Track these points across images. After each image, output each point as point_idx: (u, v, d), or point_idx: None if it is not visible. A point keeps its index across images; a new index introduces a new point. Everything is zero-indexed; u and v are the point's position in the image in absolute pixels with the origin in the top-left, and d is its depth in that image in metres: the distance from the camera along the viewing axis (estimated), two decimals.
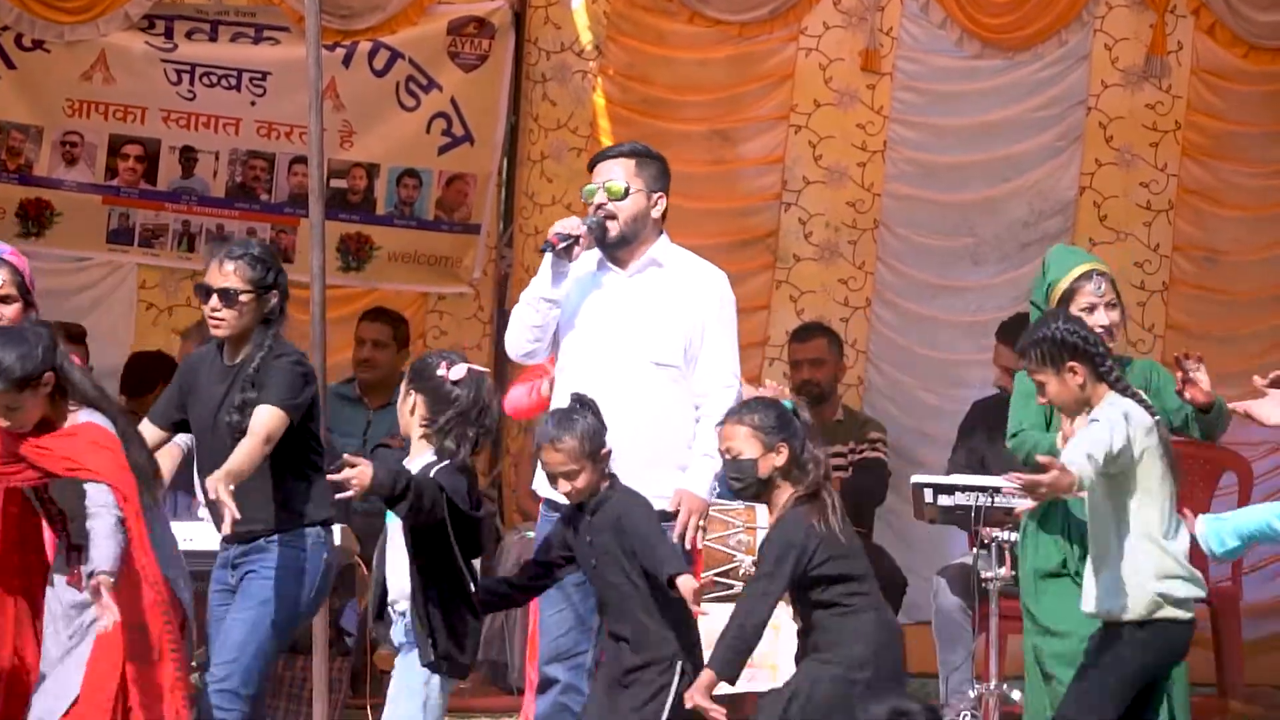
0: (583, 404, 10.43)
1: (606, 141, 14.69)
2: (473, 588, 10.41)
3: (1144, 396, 9.88)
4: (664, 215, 10.95)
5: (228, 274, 10.26)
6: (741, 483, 10.30)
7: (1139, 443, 9.58)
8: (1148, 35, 15.18)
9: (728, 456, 10.07)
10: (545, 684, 10.96)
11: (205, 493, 10.74)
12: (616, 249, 10.87)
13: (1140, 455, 9.66)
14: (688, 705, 9.58)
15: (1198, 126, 15.32)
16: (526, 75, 15.44)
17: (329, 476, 10.05)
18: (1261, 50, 15.16)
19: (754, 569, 11.19)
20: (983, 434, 12.83)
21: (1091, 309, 10.59)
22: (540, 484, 11.20)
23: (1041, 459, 9.68)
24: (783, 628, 11.86)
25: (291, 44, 14.58)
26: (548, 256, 10.90)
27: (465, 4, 15.42)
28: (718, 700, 10.47)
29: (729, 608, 10.77)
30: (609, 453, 10.25)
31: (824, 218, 15.31)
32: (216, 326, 10.45)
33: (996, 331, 13.68)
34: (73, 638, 10.27)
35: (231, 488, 9.96)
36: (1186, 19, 15.17)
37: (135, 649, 10.12)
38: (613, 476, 10.40)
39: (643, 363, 10.70)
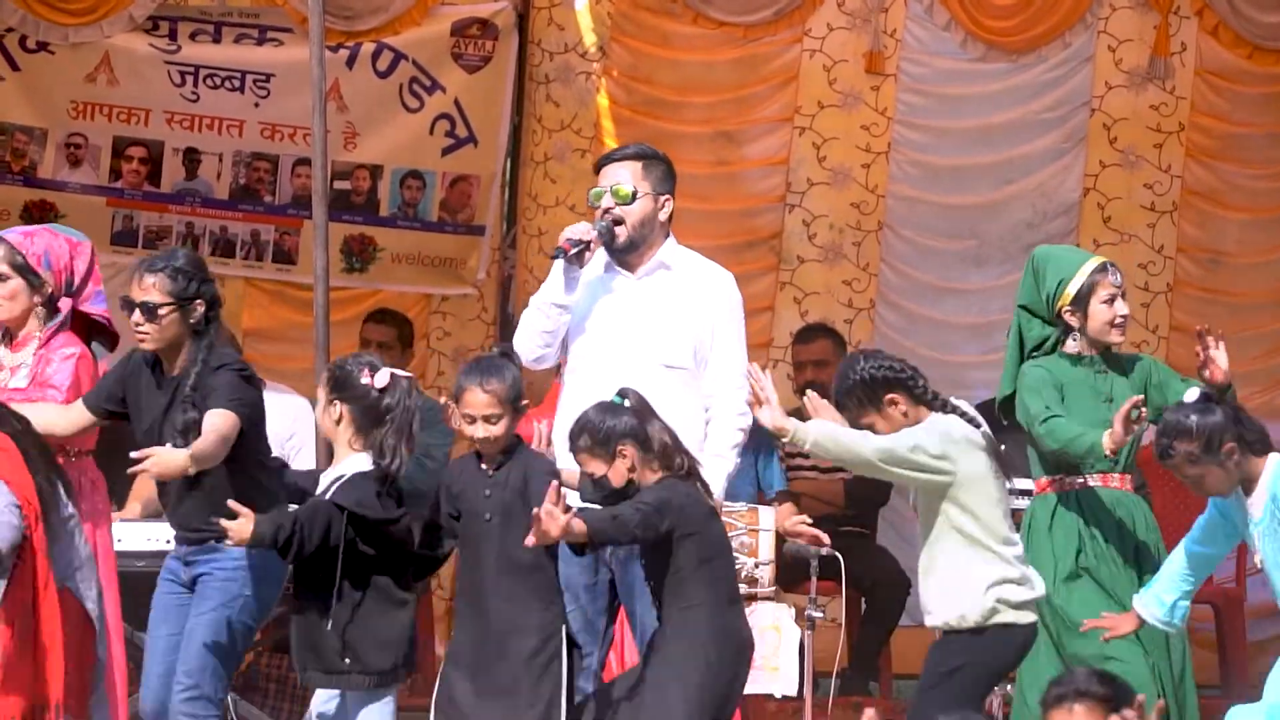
0: (506, 354, 10.61)
1: (610, 143, 14.84)
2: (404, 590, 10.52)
3: (966, 409, 10.02)
4: (670, 217, 11.02)
5: (148, 288, 10.32)
6: (609, 497, 10.34)
7: (962, 457, 9.77)
8: (1151, 36, 15.32)
9: (587, 481, 10.23)
10: None
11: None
12: (625, 253, 10.96)
13: (964, 467, 9.83)
14: (556, 533, 9.54)
15: (1202, 128, 15.46)
16: (530, 76, 15.51)
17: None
18: (1265, 51, 15.31)
19: (756, 570, 11.87)
20: None
21: (1112, 299, 10.83)
22: None
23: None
24: (784, 630, 12.01)
25: (295, 45, 14.67)
26: (559, 262, 10.97)
27: (469, 5, 15.50)
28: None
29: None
30: (527, 405, 10.35)
31: (828, 219, 15.44)
32: (141, 340, 10.50)
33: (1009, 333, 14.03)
34: None
35: (193, 471, 10.02)
36: (1190, 20, 15.30)
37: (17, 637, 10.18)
38: (518, 438, 10.49)
39: (653, 365, 10.75)
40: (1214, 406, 10.25)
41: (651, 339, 10.91)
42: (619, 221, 10.92)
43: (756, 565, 11.92)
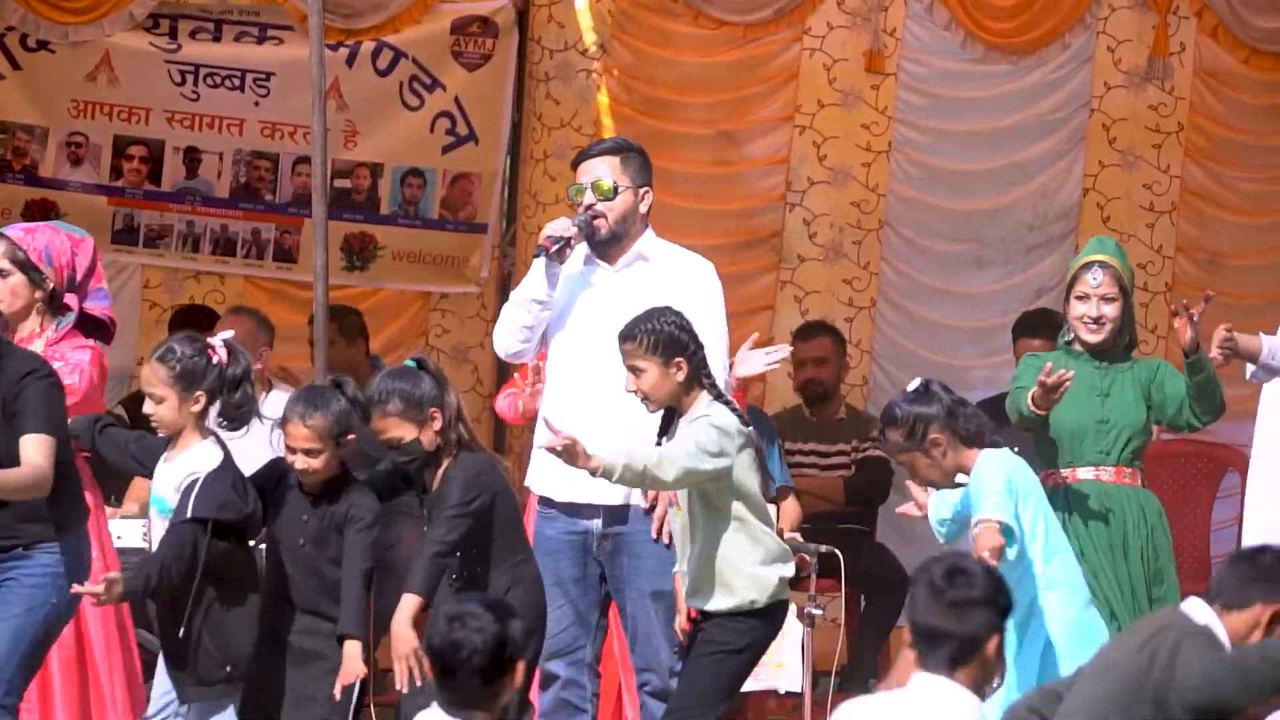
0: (338, 385, 10.70)
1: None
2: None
3: (732, 402, 10.33)
4: (649, 209, 11.20)
5: None
6: (415, 462, 10.55)
7: (735, 451, 9.99)
8: (1150, 36, 15.47)
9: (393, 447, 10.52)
10: (546, 680, 11.05)
11: None
12: (606, 246, 11.09)
13: (736, 459, 10.05)
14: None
15: (1200, 129, 15.64)
16: (530, 74, 15.65)
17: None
18: (1263, 55, 15.44)
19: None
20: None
21: (1083, 298, 11.07)
22: (532, 480, 11.42)
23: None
24: (787, 627, 11.36)
25: (295, 44, 14.84)
26: (539, 259, 11.15)
27: (469, 3, 15.69)
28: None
29: None
30: (353, 439, 10.48)
31: (828, 218, 15.59)
32: None
33: (1014, 327, 13.99)
34: None
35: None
36: (1189, 20, 15.47)
37: None
38: (346, 471, 10.65)
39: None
40: (930, 397, 10.48)
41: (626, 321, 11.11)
42: (599, 216, 11.11)
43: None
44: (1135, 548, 11.12)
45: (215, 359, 10.55)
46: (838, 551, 12.08)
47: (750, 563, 10.12)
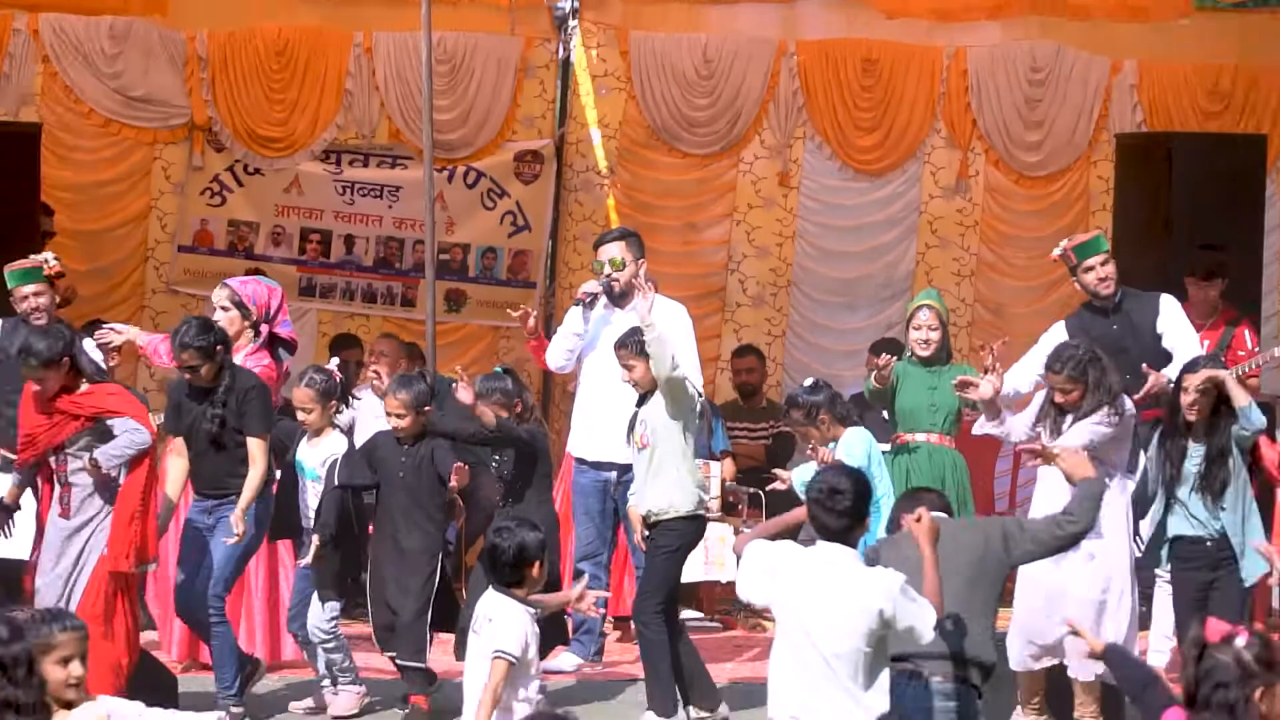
0: (422, 375, 11.89)
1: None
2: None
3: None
4: (644, 273, 12.16)
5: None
6: (499, 433, 11.50)
7: (692, 390, 11.18)
8: (957, 165, 16.56)
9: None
10: (577, 575, 11.75)
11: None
12: (619, 299, 12.24)
13: (692, 388, 11.21)
14: None
15: (989, 225, 16.64)
16: (564, 186, 16.64)
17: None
18: (1027, 179, 16.55)
19: (709, 502, 12.68)
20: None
21: (918, 327, 12.12)
22: (572, 445, 12.65)
23: None
24: (726, 540, 13.37)
25: (414, 168, 15.73)
26: (576, 307, 12.41)
27: (524, 142, 16.56)
28: (685, 587, 12.41)
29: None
30: (430, 410, 11.40)
31: (755, 279, 16.66)
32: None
33: (870, 348, 14.65)
34: (75, 560, 10.96)
35: None
36: (980, 155, 16.49)
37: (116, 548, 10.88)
38: (424, 428, 11.43)
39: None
40: (819, 390, 11.84)
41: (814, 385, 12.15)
42: (615, 280, 12.22)
43: (710, 499, 12.87)
44: (953, 493, 11.65)
45: (338, 379, 11.80)
46: (760, 492, 13.94)
47: (686, 486, 11.19)
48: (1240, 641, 6.25)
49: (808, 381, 12.16)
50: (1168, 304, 12.35)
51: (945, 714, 8.51)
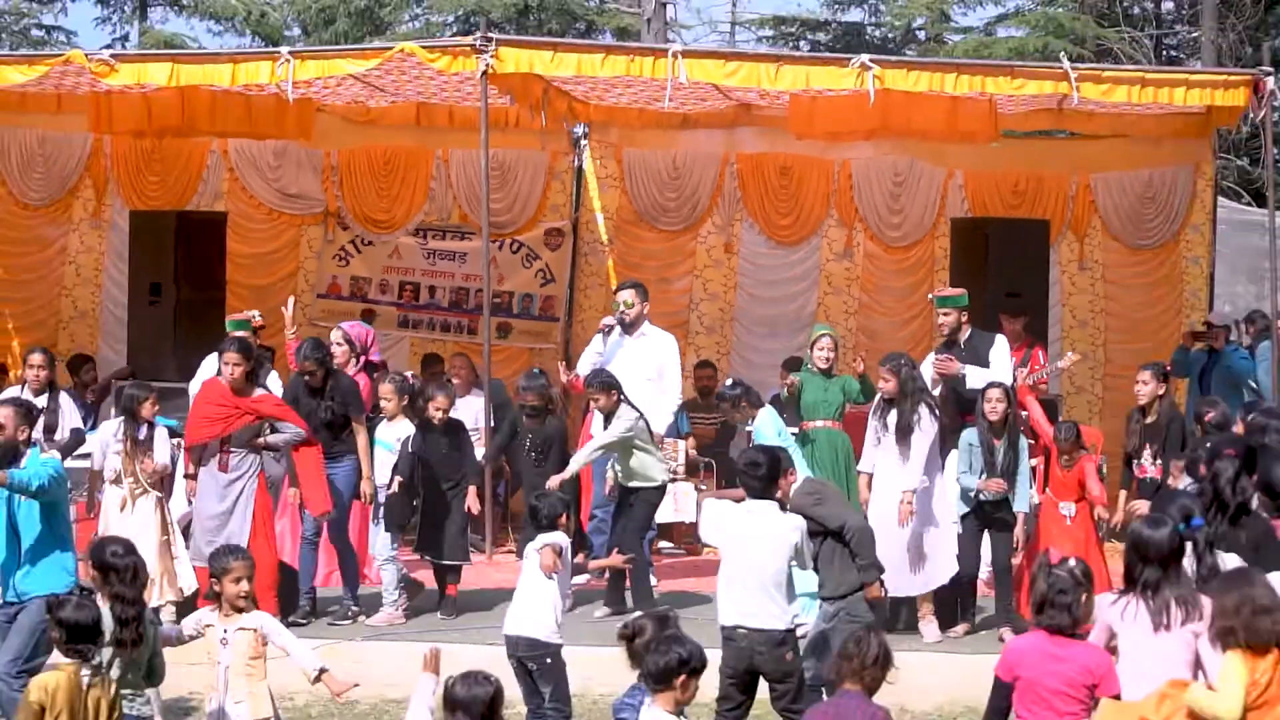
0: (541, 371, 12.57)
1: (614, 282, 15.74)
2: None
3: (636, 408, 11.40)
4: (646, 312, 12.74)
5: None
6: (539, 414, 11.95)
7: (634, 424, 11.30)
8: (845, 238, 16.61)
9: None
10: (590, 517, 12.47)
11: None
12: (629, 330, 12.58)
13: (633, 437, 11.33)
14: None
15: (866, 279, 16.63)
16: (579, 252, 16.79)
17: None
18: (891, 248, 16.55)
19: (676, 469, 12.87)
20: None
21: (820, 349, 12.16)
22: (593, 428, 12.40)
23: None
24: (690, 494, 13.25)
25: (476, 240, 15.69)
26: (599, 335, 12.73)
27: (551, 221, 16.66)
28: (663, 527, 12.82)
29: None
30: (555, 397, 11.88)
31: (709, 317, 16.76)
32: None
33: (783, 364, 14.61)
34: (233, 502, 10.96)
35: None
36: (860, 232, 16.52)
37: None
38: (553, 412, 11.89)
39: (640, 379, 12.30)
40: (737, 385, 11.69)
41: (640, 367, 12.40)
42: (625, 315, 12.55)
43: (676, 466, 13.16)
44: (841, 462, 11.96)
45: (412, 382, 12.22)
46: (713, 461, 14.43)
47: (652, 464, 11.62)
48: (1071, 562, 6.49)
49: (729, 381, 12.21)
50: (999, 343, 12.23)
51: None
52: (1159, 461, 11.72)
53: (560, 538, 8.62)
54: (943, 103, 13.91)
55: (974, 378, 11.76)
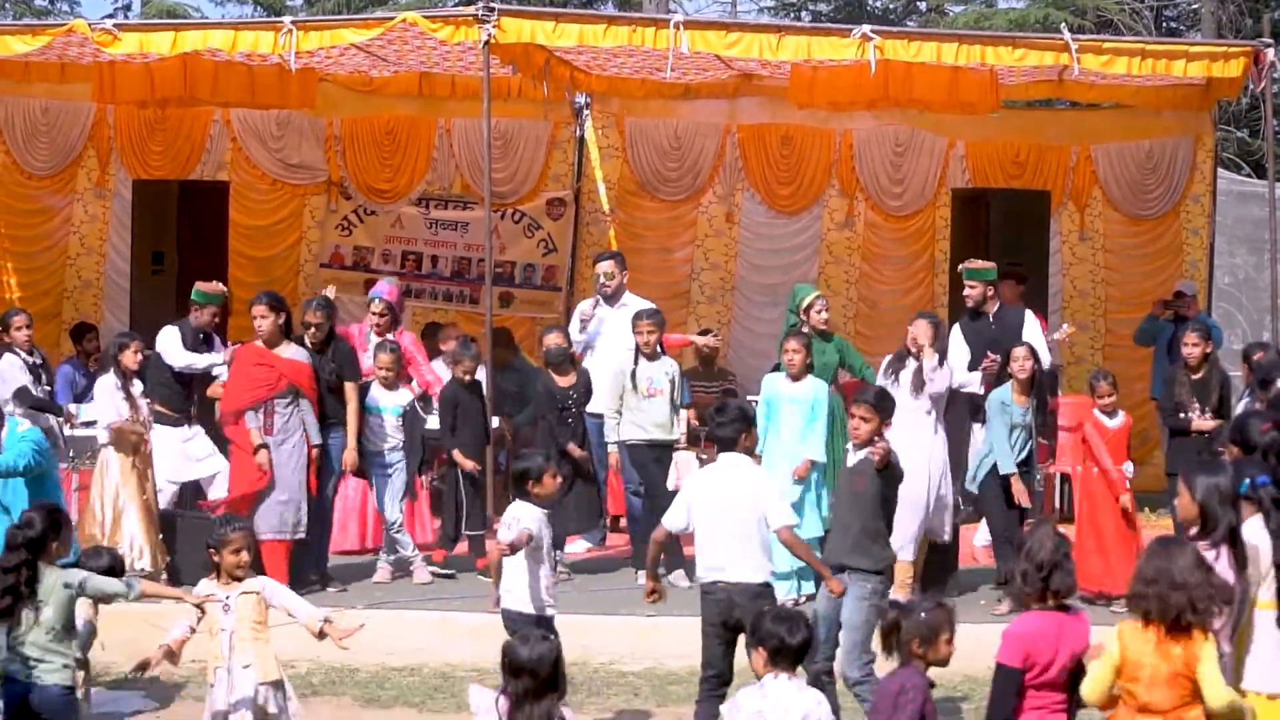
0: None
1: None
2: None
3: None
4: (626, 282, 12.76)
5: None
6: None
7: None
8: (846, 208, 16.66)
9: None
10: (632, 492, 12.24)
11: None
12: (611, 300, 12.70)
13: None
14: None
15: (867, 248, 16.70)
16: (580, 221, 16.79)
17: None
18: (892, 218, 16.57)
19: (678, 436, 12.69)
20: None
21: (816, 311, 12.14)
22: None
23: None
24: (692, 463, 13.08)
25: (478, 210, 15.46)
26: (576, 319, 12.82)
27: (553, 191, 16.66)
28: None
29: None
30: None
31: (710, 285, 16.80)
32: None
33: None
34: (291, 461, 11.11)
35: None
36: (861, 202, 16.58)
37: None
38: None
39: (623, 349, 12.30)
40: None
41: (623, 336, 12.31)
42: (607, 286, 12.62)
43: (678, 434, 12.84)
44: (837, 425, 11.57)
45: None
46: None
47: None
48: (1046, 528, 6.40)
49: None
50: (1029, 319, 12.35)
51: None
52: (1207, 412, 11.60)
53: (524, 512, 8.40)
54: (944, 73, 13.95)
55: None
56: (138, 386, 11.09)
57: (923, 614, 6.20)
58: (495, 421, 12.63)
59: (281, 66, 13.89)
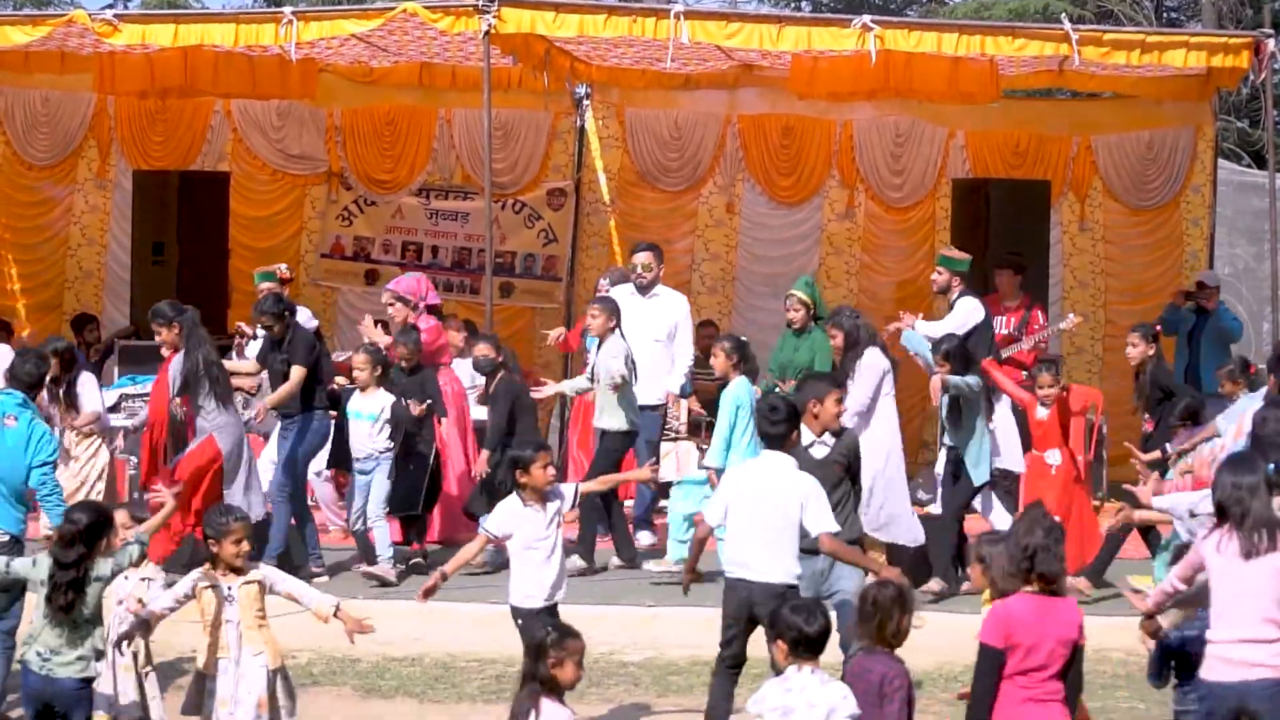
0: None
1: (616, 243, 16.33)
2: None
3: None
4: (661, 273, 12.97)
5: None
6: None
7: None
8: (846, 198, 16.66)
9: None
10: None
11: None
12: (644, 292, 12.78)
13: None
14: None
15: (867, 239, 16.71)
16: (581, 211, 16.77)
17: None
18: (892, 209, 16.59)
19: (679, 426, 13.21)
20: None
21: (789, 311, 12.31)
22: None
23: None
24: (692, 453, 13.45)
25: (478, 200, 15.64)
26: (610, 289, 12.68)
27: (554, 182, 16.67)
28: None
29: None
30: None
31: (710, 277, 16.83)
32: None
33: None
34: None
35: None
36: (862, 192, 16.50)
37: None
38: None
39: (649, 339, 12.52)
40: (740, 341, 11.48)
41: (652, 326, 12.58)
42: (644, 278, 12.66)
43: (679, 424, 13.72)
44: None
45: (386, 350, 11.83)
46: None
47: (628, 407, 11.78)
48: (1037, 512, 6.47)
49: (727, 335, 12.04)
50: (963, 300, 12.46)
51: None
52: (1146, 416, 11.74)
53: (504, 507, 8.40)
54: (944, 63, 13.96)
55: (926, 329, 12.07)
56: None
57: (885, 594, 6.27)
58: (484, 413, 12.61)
59: (282, 57, 13.91)
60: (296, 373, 11.51)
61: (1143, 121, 16.26)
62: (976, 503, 11.65)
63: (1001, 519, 11.41)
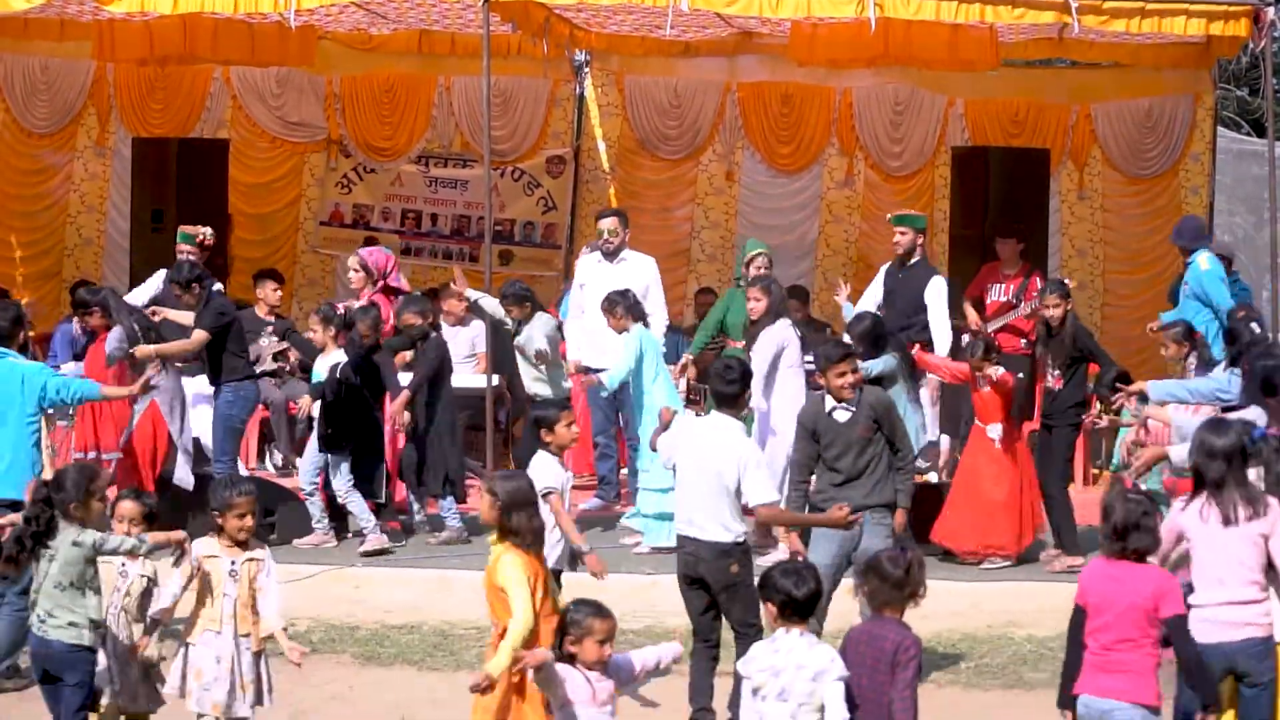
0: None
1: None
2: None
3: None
4: (628, 238, 12.77)
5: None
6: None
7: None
8: (845, 167, 16.68)
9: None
10: (594, 445, 12.52)
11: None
12: (611, 257, 12.72)
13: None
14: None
15: (866, 208, 16.64)
16: (580, 179, 16.82)
17: None
18: (892, 177, 16.57)
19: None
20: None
21: (756, 268, 12.28)
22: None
23: None
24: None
25: (478, 168, 15.71)
26: (580, 267, 12.85)
27: (553, 149, 16.73)
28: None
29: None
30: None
31: (709, 244, 16.83)
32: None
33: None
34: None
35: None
36: (861, 160, 16.57)
37: None
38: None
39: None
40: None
41: (621, 288, 12.26)
42: (610, 243, 12.60)
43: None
44: None
45: (340, 312, 11.65)
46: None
47: (554, 380, 11.90)
48: (1143, 486, 6.81)
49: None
50: (934, 283, 12.24)
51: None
52: (1056, 373, 11.40)
53: (539, 464, 8.33)
54: (943, 31, 13.92)
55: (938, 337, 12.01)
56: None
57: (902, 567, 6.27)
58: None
59: (281, 24, 13.86)
60: (197, 335, 11.42)
61: (1142, 90, 16.22)
62: None
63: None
